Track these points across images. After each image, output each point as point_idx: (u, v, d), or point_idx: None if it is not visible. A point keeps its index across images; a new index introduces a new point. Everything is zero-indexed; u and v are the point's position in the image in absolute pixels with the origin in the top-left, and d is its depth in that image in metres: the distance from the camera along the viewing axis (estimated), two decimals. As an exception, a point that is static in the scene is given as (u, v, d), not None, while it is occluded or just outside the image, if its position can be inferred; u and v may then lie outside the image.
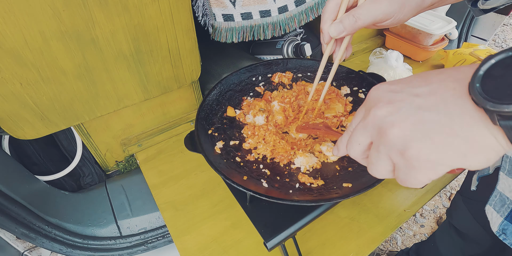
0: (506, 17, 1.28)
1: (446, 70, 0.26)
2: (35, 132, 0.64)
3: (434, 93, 0.25)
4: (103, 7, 0.55)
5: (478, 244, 0.73)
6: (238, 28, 0.82)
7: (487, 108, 0.22)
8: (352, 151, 0.31)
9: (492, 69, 0.22)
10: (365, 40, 1.22)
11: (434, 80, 0.26)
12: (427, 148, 0.24)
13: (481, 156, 0.24)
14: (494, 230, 0.50)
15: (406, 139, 0.25)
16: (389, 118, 0.26)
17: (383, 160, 0.28)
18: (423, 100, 0.25)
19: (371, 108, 0.28)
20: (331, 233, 0.67)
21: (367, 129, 0.28)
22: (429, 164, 0.25)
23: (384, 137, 0.27)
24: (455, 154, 0.24)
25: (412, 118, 0.25)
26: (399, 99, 0.26)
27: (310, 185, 0.51)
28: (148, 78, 0.71)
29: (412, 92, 0.26)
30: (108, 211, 0.78)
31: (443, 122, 0.24)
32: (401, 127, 0.25)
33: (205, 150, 0.53)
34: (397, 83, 0.28)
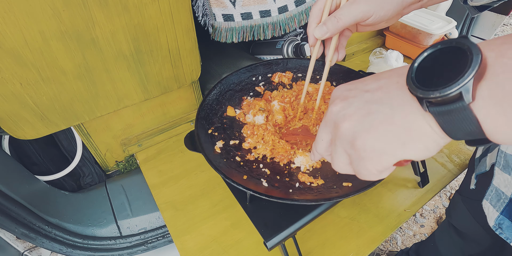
0: (506, 17, 1.28)
1: (395, 69, 0.29)
2: (35, 132, 0.64)
3: (381, 87, 0.28)
4: (103, 7, 0.55)
5: (477, 243, 0.73)
6: (238, 28, 0.82)
7: (418, 96, 0.23)
8: (318, 148, 0.34)
9: (424, 61, 0.24)
10: (365, 40, 1.23)
11: (383, 77, 0.29)
12: (371, 138, 0.27)
13: (419, 145, 0.25)
14: (491, 225, 0.51)
15: (354, 130, 0.28)
16: (342, 112, 0.29)
17: (340, 153, 0.30)
18: (371, 95, 0.28)
19: (330, 106, 0.31)
20: (331, 233, 0.67)
21: (327, 125, 0.31)
22: (374, 153, 0.27)
23: (338, 130, 0.29)
24: (395, 143, 0.26)
25: (360, 111, 0.28)
26: (352, 95, 0.29)
27: (310, 185, 0.51)
28: (148, 78, 0.71)
29: (364, 88, 0.29)
30: (108, 211, 0.78)
31: (386, 113, 0.26)
32: (351, 119, 0.28)
33: (205, 149, 0.53)
34: (353, 83, 0.31)
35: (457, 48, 0.22)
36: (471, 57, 0.21)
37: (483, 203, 0.53)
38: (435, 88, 0.22)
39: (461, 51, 0.22)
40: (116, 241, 0.75)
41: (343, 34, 0.50)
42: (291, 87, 0.69)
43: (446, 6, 1.23)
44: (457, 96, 0.21)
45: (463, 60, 0.21)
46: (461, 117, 0.22)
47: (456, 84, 0.21)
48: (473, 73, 0.20)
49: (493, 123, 0.21)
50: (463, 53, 0.21)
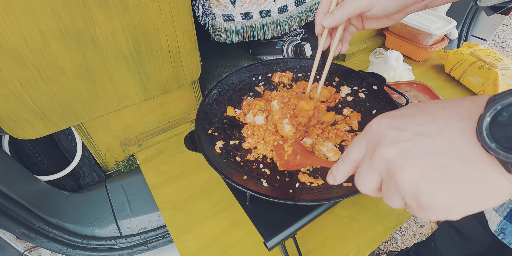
0: (506, 17, 1.28)
1: (448, 103, 0.26)
2: (35, 132, 0.64)
3: (442, 133, 0.24)
4: (103, 7, 0.55)
5: (478, 243, 0.73)
6: (238, 28, 0.82)
7: (500, 158, 0.21)
8: (365, 189, 0.30)
9: (499, 115, 0.21)
10: (365, 40, 1.23)
11: (439, 117, 0.25)
12: (438, 195, 0.24)
13: (494, 200, 0.23)
14: (493, 230, 0.50)
15: (417, 185, 0.25)
16: (398, 161, 0.25)
17: (395, 198, 0.28)
18: (431, 142, 0.24)
19: (375, 147, 0.27)
20: (331, 232, 0.67)
21: (375, 169, 0.28)
22: (441, 210, 0.25)
23: (394, 180, 0.26)
24: (467, 201, 0.23)
25: (421, 162, 0.24)
26: (404, 138, 0.25)
27: (310, 185, 0.51)
28: (148, 78, 0.71)
29: (418, 130, 0.25)
30: (108, 211, 0.78)
31: (455, 167, 0.23)
32: (411, 172, 0.25)
33: (205, 149, 0.53)
34: (399, 118, 0.27)
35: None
36: None
37: None
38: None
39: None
40: (116, 241, 0.75)
41: (348, 30, 0.53)
42: (291, 87, 0.69)
43: (446, 6, 1.23)
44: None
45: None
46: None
47: None
48: None
49: None
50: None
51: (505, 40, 2.46)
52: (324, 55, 0.57)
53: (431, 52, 1.12)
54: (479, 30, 1.37)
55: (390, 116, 0.28)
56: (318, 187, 0.51)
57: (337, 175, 0.33)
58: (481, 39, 1.38)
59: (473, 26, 1.36)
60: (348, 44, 0.54)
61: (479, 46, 1.06)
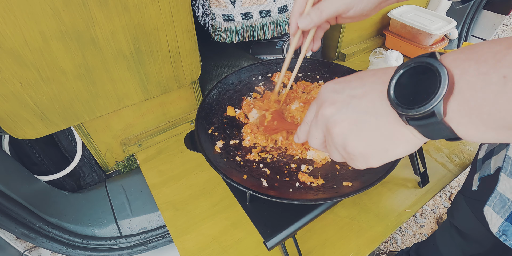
0: (506, 17, 1.28)
1: (378, 71, 0.30)
2: (35, 132, 0.64)
3: (367, 95, 0.30)
4: (103, 7, 0.55)
5: (479, 244, 0.73)
6: (238, 28, 0.82)
7: (398, 112, 0.26)
8: (313, 144, 0.37)
9: (401, 78, 0.26)
10: (365, 40, 1.23)
11: (368, 82, 0.30)
12: (359, 145, 0.30)
13: (401, 149, 0.29)
14: (494, 231, 0.50)
15: (344, 137, 0.31)
16: (332, 118, 0.31)
17: (334, 151, 0.34)
18: (357, 102, 0.30)
19: (319, 107, 0.33)
20: (331, 232, 0.67)
21: (318, 126, 0.34)
22: (362, 157, 0.31)
23: (330, 134, 0.32)
24: (380, 149, 0.30)
25: (349, 118, 0.30)
26: (340, 99, 0.31)
27: (310, 184, 0.51)
28: (148, 78, 0.71)
29: (350, 93, 0.31)
30: (108, 211, 0.78)
31: (371, 122, 0.29)
32: (341, 126, 0.31)
33: (205, 149, 0.53)
34: (340, 83, 0.33)
35: (427, 68, 0.25)
36: (439, 79, 0.23)
37: (485, 209, 0.52)
38: (412, 106, 0.25)
39: (431, 71, 0.24)
40: (116, 241, 0.75)
41: (321, 26, 0.53)
42: (291, 87, 0.69)
43: (446, 6, 1.23)
44: (431, 113, 0.24)
45: (433, 78, 0.24)
46: (437, 128, 0.25)
47: (429, 104, 0.24)
48: (442, 95, 0.23)
49: (464, 130, 0.24)
50: (433, 72, 0.24)
51: (505, 40, 2.46)
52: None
53: (431, 52, 1.12)
54: (479, 30, 1.37)
55: (334, 81, 0.34)
56: (318, 186, 0.51)
57: (300, 134, 0.39)
58: (481, 39, 1.38)
59: (473, 26, 1.36)
60: (320, 41, 0.55)
61: (479, 46, 1.05)
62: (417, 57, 0.26)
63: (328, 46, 1.15)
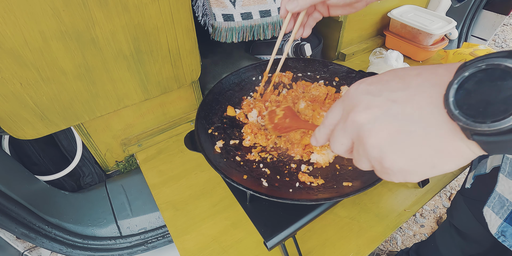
0: (506, 17, 1.28)
1: (424, 70, 0.26)
2: (35, 132, 0.64)
3: (411, 100, 0.25)
4: (103, 7, 0.55)
5: (479, 244, 0.73)
6: (238, 28, 0.82)
7: (461, 126, 0.22)
8: (336, 150, 0.32)
9: (466, 82, 0.21)
10: (365, 40, 1.23)
11: (412, 84, 0.26)
12: (400, 160, 0.26)
13: (451, 165, 0.24)
14: (493, 232, 0.50)
15: (381, 149, 0.26)
16: (367, 126, 0.27)
17: (363, 161, 0.29)
18: (400, 108, 0.25)
19: (350, 111, 0.28)
20: (331, 232, 0.67)
21: (347, 132, 0.29)
22: (401, 173, 0.26)
23: (362, 144, 0.28)
24: (426, 166, 0.25)
25: (389, 127, 0.25)
26: (376, 104, 0.26)
27: (310, 184, 0.51)
28: (148, 78, 0.71)
29: (390, 97, 0.26)
30: (108, 211, 0.78)
31: (418, 133, 0.24)
32: (377, 137, 0.26)
33: (205, 149, 0.53)
34: (376, 83, 0.28)
35: (506, 73, 0.20)
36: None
37: (484, 210, 0.52)
38: (482, 119, 0.20)
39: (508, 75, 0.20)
40: (116, 241, 0.75)
41: (313, 16, 0.55)
42: (291, 87, 0.69)
43: (446, 6, 1.23)
44: (509, 130, 0.20)
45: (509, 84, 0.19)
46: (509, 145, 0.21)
47: (508, 119, 0.19)
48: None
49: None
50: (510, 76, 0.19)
51: (505, 40, 2.46)
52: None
53: (431, 52, 1.12)
54: (479, 30, 1.37)
55: (368, 82, 0.29)
56: (318, 186, 0.51)
57: (319, 137, 0.35)
58: (481, 39, 1.38)
59: (473, 26, 1.36)
60: (310, 29, 0.57)
61: (479, 46, 1.06)
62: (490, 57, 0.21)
63: (328, 46, 1.15)
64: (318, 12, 0.55)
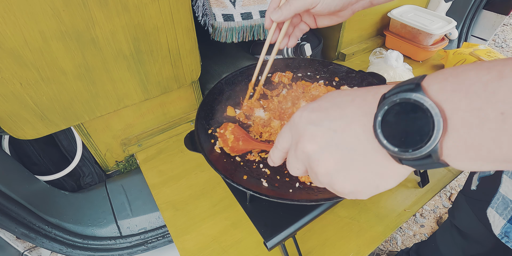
0: (506, 17, 1.28)
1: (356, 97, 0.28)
2: (35, 132, 0.64)
3: (349, 128, 0.27)
4: (103, 7, 0.55)
5: (480, 244, 0.73)
6: (238, 28, 0.82)
7: (390, 154, 0.24)
8: (294, 173, 0.34)
9: (387, 115, 0.23)
10: (365, 40, 1.23)
11: (347, 111, 0.27)
12: (347, 184, 0.28)
13: (391, 183, 0.27)
14: (496, 233, 0.50)
15: (331, 177, 0.29)
16: (315, 156, 0.29)
17: (318, 183, 0.31)
18: (340, 137, 0.27)
19: (298, 141, 0.30)
20: (331, 232, 0.67)
21: (299, 159, 0.31)
22: (352, 194, 0.29)
23: (314, 173, 0.30)
24: (370, 187, 0.28)
25: (333, 156, 0.28)
26: (319, 134, 0.28)
27: (310, 184, 0.51)
28: (148, 78, 0.71)
29: (330, 126, 0.28)
30: (108, 211, 0.78)
31: (359, 160, 0.27)
32: (325, 166, 0.28)
33: (205, 149, 0.53)
34: (316, 111, 0.29)
35: (416, 106, 0.22)
36: (432, 120, 0.21)
37: (488, 211, 0.52)
38: (405, 148, 0.23)
39: (420, 109, 0.22)
40: (116, 241, 0.75)
41: (299, 27, 0.56)
42: (291, 87, 0.69)
43: (446, 6, 1.23)
44: (427, 155, 0.22)
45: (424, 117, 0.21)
46: (432, 165, 0.23)
47: (424, 147, 0.22)
48: (438, 138, 0.21)
49: (460, 164, 0.23)
50: (422, 110, 0.21)
51: (505, 40, 2.46)
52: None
53: (431, 52, 1.12)
54: (479, 30, 1.37)
55: (309, 109, 0.30)
56: (318, 187, 0.51)
57: (274, 159, 0.37)
58: (481, 39, 1.38)
59: (473, 26, 1.36)
60: (296, 39, 0.57)
61: (479, 46, 1.06)
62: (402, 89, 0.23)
63: (328, 46, 1.15)
64: (304, 23, 0.55)
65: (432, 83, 0.22)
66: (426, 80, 0.23)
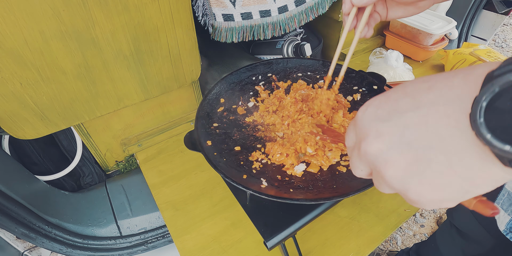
0: (506, 17, 1.28)
1: (436, 83, 0.22)
2: (35, 132, 0.64)
3: (425, 122, 0.22)
4: (103, 7, 0.55)
5: (479, 244, 0.73)
6: (238, 28, 0.82)
7: (495, 152, 0.18)
8: (358, 175, 0.30)
9: (497, 99, 0.18)
10: (365, 40, 1.23)
11: (423, 102, 0.22)
12: (426, 192, 0.23)
13: (485, 188, 0.22)
14: (501, 229, 0.50)
15: (403, 181, 0.24)
16: (382, 157, 0.24)
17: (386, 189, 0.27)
18: (414, 133, 0.22)
19: (361, 140, 0.26)
20: (331, 232, 0.66)
21: (363, 161, 0.27)
22: (431, 202, 0.24)
23: (380, 175, 0.25)
24: (456, 193, 0.22)
25: (404, 157, 0.23)
26: (387, 131, 0.24)
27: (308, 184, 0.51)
28: (148, 78, 0.71)
29: (401, 120, 0.23)
30: (108, 211, 0.78)
31: (439, 161, 0.21)
32: (395, 168, 0.23)
33: (205, 149, 0.53)
34: (383, 105, 0.25)
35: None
36: None
37: None
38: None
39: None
40: (116, 241, 0.75)
41: (373, 16, 0.50)
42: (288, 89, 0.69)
43: (446, 6, 1.23)
44: None
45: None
46: None
47: None
48: None
49: None
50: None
51: (505, 40, 2.46)
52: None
53: (431, 52, 1.12)
54: (479, 30, 1.37)
55: (375, 104, 0.26)
56: (318, 186, 0.51)
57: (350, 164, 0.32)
58: (481, 39, 1.38)
59: (473, 26, 1.36)
60: (373, 29, 0.50)
61: (479, 46, 1.06)
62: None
63: (328, 46, 1.15)
64: (377, 13, 0.50)
65: None
66: None
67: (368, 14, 0.47)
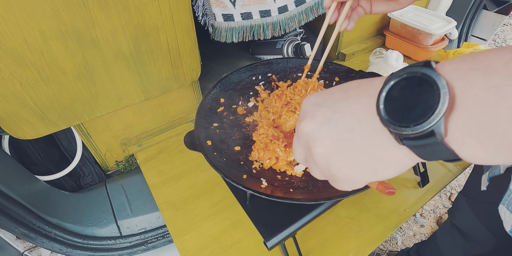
0: (506, 17, 1.28)
1: (363, 82, 0.27)
2: (35, 132, 0.64)
3: (350, 109, 0.26)
4: (103, 7, 0.55)
5: (481, 244, 0.72)
6: (238, 28, 0.82)
7: (390, 131, 0.23)
8: (297, 159, 0.34)
9: (392, 90, 0.23)
10: (365, 40, 1.23)
11: (351, 94, 0.27)
12: (343, 166, 0.27)
13: (391, 171, 0.26)
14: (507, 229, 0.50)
15: (327, 157, 0.28)
16: (313, 135, 0.28)
17: (316, 170, 0.31)
18: (340, 117, 0.27)
19: (300, 122, 0.30)
20: (331, 232, 0.66)
21: (300, 142, 0.31)
22: (348, 179, 0.28)
23: (311, 153, 0.29)
24: (368, 171, 0.27)
25: (331, 136, 0.27)
26: (320, 114, 0.28)
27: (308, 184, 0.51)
28: (148, 78, 0.71)
29: (332, 107, 0.28)
30: (108, 211, 0.78)
31: (356, 140, 0.26)
32: (322, 145, 0.28)
33: (204, 149, 0.53)
34: (322, 95, 0.30)
35: (422, 79, 0.21)
36: (438, 93, 0.20)
37: (499, 207, 0.52)
38: (407, 124, 0.21)
39: (427, 83, 0.21)
40: (116, 241, 0.75)
41: (356, 10, 0.52)
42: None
43: (446, 6, 1.23)
44: (430, 132, 0.21)
45: (430, 91, 0.21)
46: (436, 149, 0.22)
47: (427, 122, 0.20)
48: (443, 111, 0.20)
49: (469, 152, 0.21)
50: (429, 84, 0.21)
51: (505, 40, 2.46)
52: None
53: (431, 52, 1.12)
54: (479, 30, 1.37)
55: (317, 94, 0.31)
56: (318, 186, 0.51)
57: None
58: (481, 39, 1.38)
59: (473, 26, 1.36)
60: (354, 23, 0.53)
61: (479, 46, 1.06)
62: (410, 67, 0.23)
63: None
64: (361, 7, 0.51)
65: (446, 64, 0.21)
66: (441, 63, 0.22)
67: (348, 8, 0.49)
